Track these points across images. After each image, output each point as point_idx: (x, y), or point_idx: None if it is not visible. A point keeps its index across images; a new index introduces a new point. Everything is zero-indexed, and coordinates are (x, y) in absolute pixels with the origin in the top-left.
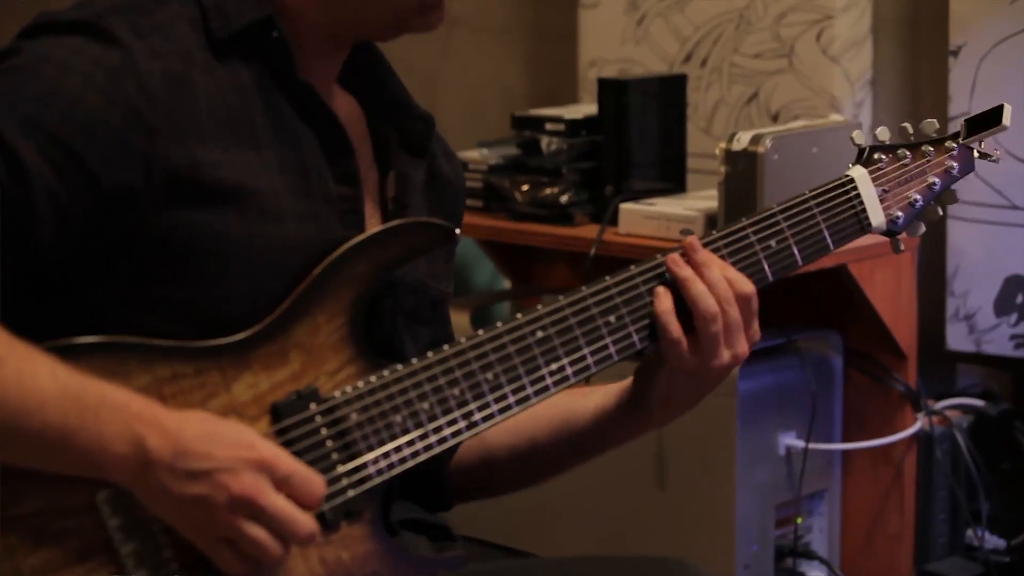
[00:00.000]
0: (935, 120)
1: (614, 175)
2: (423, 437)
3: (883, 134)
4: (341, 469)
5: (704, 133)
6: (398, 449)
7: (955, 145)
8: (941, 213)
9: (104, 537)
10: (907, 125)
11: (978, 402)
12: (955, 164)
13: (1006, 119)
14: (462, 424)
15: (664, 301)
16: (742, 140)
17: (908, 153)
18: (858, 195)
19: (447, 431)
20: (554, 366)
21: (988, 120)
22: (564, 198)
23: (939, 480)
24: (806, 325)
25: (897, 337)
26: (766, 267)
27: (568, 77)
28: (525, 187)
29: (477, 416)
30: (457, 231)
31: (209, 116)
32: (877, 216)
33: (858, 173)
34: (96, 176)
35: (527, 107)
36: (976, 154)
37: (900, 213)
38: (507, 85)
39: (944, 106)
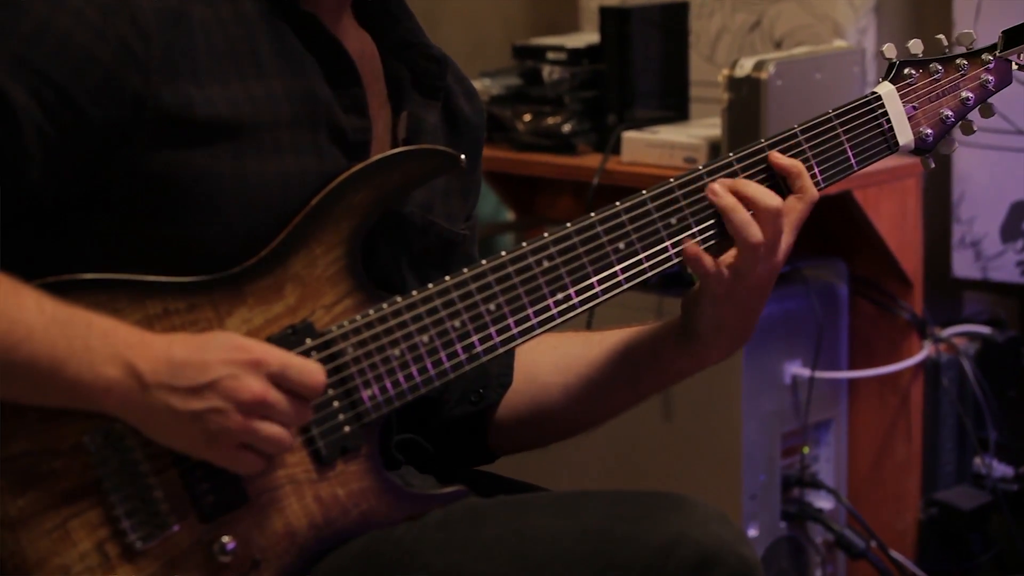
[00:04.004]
0: (972, 31)
1: (616, 104)
2: (422, 371)
3: (915, 47)
4: (337, 404)
5: (707, 61)
6: (396, 384)
7: (992, 58)
8: (975, 129)
9: (93, 478)
10: (941, 37)
11: (984, 329)
12: (991, 78)
13: None
14: (463, 356)
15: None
16: (745, 66)
17: (940, 67)
18: (885, 113)
19: (447, 364)
20: (560, 295)
21: None
22: (566, 127)
23: (946, 408)
24: (811, 253)
25: (903, 264)
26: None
27: (570, 6)
28: (527, 117)
29: (479, 348)
30: (463, 157)
31: (207, 51)
32: (905, 134)
33: (885, 90)
34: (86, 114)
35: (528, 37)
36: (1015, 67)
37: (930, 130)
38: (508, 15)
39: (948, 32)
